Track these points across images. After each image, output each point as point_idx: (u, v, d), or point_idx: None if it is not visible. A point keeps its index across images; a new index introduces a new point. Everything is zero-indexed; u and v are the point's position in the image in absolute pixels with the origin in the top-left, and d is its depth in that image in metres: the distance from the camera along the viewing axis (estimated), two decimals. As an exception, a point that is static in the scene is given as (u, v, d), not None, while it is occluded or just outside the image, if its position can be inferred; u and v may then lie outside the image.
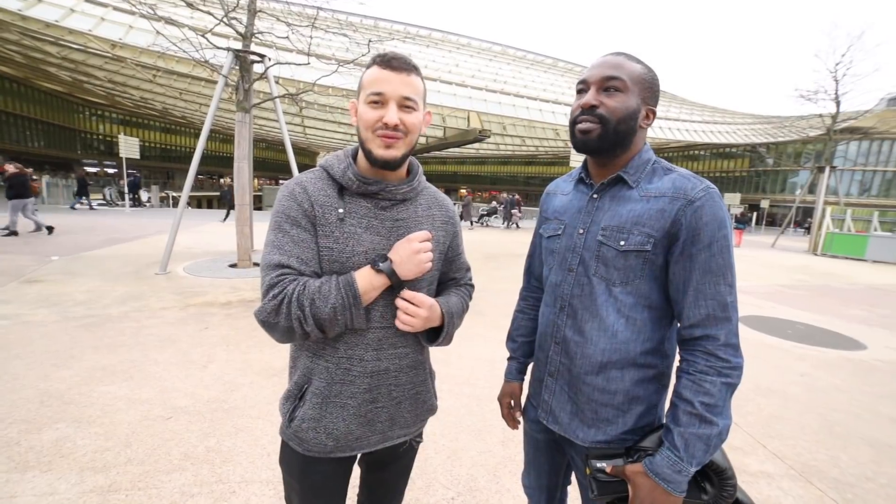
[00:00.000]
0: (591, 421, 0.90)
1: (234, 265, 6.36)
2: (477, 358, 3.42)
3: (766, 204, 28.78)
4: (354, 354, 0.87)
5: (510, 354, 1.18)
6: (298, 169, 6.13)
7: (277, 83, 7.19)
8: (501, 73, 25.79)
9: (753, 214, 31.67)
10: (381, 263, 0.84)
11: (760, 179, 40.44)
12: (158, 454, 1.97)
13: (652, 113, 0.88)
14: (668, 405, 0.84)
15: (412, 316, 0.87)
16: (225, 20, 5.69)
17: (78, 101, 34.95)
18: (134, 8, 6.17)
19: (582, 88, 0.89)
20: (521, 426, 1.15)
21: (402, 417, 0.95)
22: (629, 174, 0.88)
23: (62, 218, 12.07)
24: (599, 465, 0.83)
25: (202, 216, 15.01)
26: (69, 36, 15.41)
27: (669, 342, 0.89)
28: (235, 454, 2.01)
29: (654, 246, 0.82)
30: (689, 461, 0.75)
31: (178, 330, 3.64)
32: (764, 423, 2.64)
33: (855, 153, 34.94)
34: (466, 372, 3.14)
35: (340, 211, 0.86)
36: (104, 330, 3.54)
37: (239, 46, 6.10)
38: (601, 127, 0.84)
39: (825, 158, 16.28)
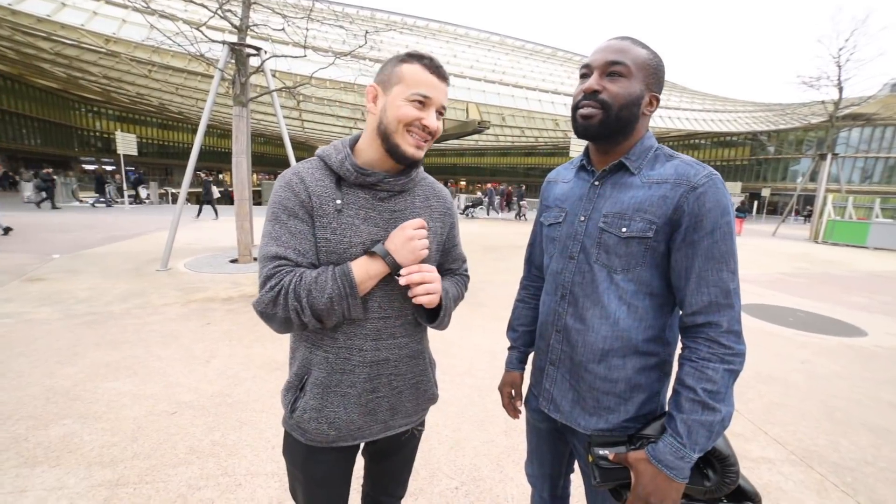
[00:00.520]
0: (592, 409, 0.90)
1: (234, 260, 6.37)
2: (478, 348, 3.43)
3: (767, 192, 28.63)
4: (353, 344, 0.87)
5: (511, 344, 1.18)
6: (297, 163, 6.09)
7: (274, 76, 7.13)
8: (500, 63, 25.52)
9: (754, 203, 31.53)
10: (376, 247, 0.83)
11: (761, 168, 40.16)
12: (164, 448, 1.99)
13: (655, 100, 0.86)
14: (670, 393, 0.84)
15: (430, 282, 0.85)
16: (219, 13, 5.62)
17: (74, 97, 34.70)
18: (127, 1, 6.09)
19: (585, 73, 0.87)
20: (522, 416, 1.16)
21: (403, 406, 0.95)
22: (631, 161, 0.87)
23: (60, 216, 12.06)
24: (602, 452, 0.83)
25: (202, 212, 14.96)
26: (62, 31, 15.24)
27: (671, 330, 0.89)
28: (240, 447, 2.03)
29: (655, 233, 0.81)
30: (691, 448, 0.75)
31: (180, 326, 3.66)
32: (765, 409, 2.65)
33: (857, 140, 34.62)
34: (467, 363, 3.15)
35: (338, 202, 0.85)
36: (107, 327, 3.55)
37: (234, 40, 6.02)
38: (603, 112, 0.83)
39: (827, 145, 16.10)
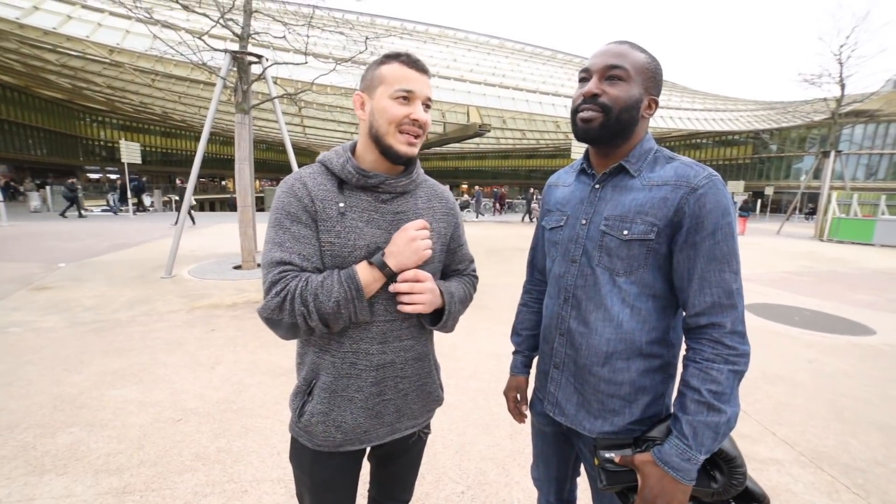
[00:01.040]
0: (597, 412, 0.90)
1: (238, 267, 6.39)
2: (482, 352, 3.42)
3: (770, 191, 28.48)
4: (360, 348, 0.88)
5: (515, 348, 1.18)
6: (299, 168, 6.12)
7: (276, 83, 7.18)
8: (500, 66, 25.58)
9: (758, 202, 31.35)
10: (373, 257, 0.84)
11: (764, 166, 39.96)
12: (170, 455, 2.00)
13: (654, 102, 0.87)
14: (674, 395, 0.84)
15: (420, 293, 0.86)
16: (221, 22, 5.68)
17: (78, 107, 35.09)
18: (130, 12, 6.17)
19: (584, 77, 0.88)
20: (528, 419, 1.16)
21: (409, 409, 0.96)
22: (631, 163, 0.87)
23: (67, 224, 12.17)
24: (608, 455, 0.83)
25: (206, 219, 15.08)
26: (67, 43, 15.45)
27: (675, 331, 0.89)
28: (246, 454, 2.03)
29: (657, 235, 0.81)
30: (697, 449, 0.75)
31: (185, 333, 3.68)
32: (772, 410, 2.63)
33: (861, 137, 34.39)
34: (472, 366, 3.14)
35: (341, 205, 0.86)
36: (113, 334, 3.58)
37: (236, 48, 6.08)
38: (603, 116, 0.84)
39: (830, 143, 15.97)
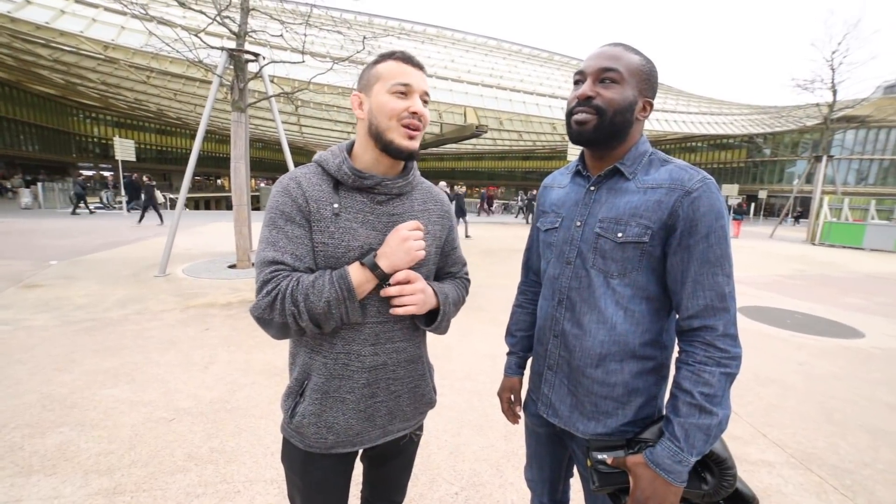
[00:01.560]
0: (591, 413, 0.90)
1: (233, 266, 6.35)
2: (477, 353, 3.43)
3: (763, 194, 28.82)
4: (352, 350, 0.87)
5: (509, 349, 1.18)
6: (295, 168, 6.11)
7: (272, 82, 7.15)
8: (497, 67, 25.66)
9: (752, 205, 31.69)
10: (365, 258, 0.84)
11: (758, 170, 40.38)
12: (162, 456, 1.98)
13: (649, 105, 0.87)
14: (667, 397, 0.84)
15: (410, 294, 0.86)
16: (218, 19, 5.64)
17: (72, 103, 34.69)
18: (125, 8, 6.11)
19: (579, 79, 0.88)
20: (522, 420, 1.16)
21: (401, 411, 0.95)
22: (626, 166, 0.88)
23: (61, 221, 12.03)
24: (600, 456, 0.84)
25: (200, 217, 14.97)
26: (60, 38, 15.28)
27: (668, 333, 0.90)
28: (239, 454, 2.02)
29: (651, 237, 0.82)
30: (689, 451, 0.75)
31: (178, 332, 3.65)
32: (763, 412, 2.65)
33: (852, 142, 34.88)
34: (466, 367, 3.15)
35: (335, 206, 0.85)
36: (105, 333, 3.54)
37: (233, 46, 6.05)
38: (597, 118, 0.84)
39: (822, 148, 16.21)
